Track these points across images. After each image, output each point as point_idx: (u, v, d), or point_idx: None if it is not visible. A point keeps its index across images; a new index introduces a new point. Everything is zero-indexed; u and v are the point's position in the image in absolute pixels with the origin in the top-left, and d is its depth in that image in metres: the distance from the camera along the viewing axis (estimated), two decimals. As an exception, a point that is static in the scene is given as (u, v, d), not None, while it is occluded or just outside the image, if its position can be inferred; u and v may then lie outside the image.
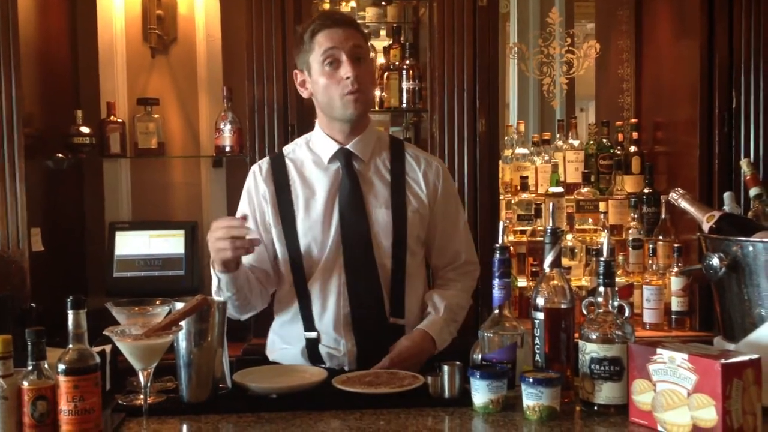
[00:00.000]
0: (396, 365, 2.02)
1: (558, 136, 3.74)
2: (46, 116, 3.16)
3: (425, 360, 2.12)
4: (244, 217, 2.06)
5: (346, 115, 2.16)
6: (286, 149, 2.32)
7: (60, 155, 3.22)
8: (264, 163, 2.30)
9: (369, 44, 2.26)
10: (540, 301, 1.81)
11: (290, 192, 2.21)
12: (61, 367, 1.52)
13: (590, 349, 1.71)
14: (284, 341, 2.24)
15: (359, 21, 3.71)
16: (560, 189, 3.53)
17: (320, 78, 2.15)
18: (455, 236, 2.30)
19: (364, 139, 2.23)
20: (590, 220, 3.50)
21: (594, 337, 1.72)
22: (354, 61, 2.12)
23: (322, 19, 2.18)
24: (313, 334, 2.16)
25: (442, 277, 2.33)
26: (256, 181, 2.26)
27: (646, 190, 3.51)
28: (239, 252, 1.99)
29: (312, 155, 2.25)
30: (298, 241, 2.18)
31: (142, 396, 1.66)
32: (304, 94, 2.25)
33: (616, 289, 1.81)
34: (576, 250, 3.39)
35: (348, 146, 2.21)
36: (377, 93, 3.49)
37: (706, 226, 1.99)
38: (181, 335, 1.76)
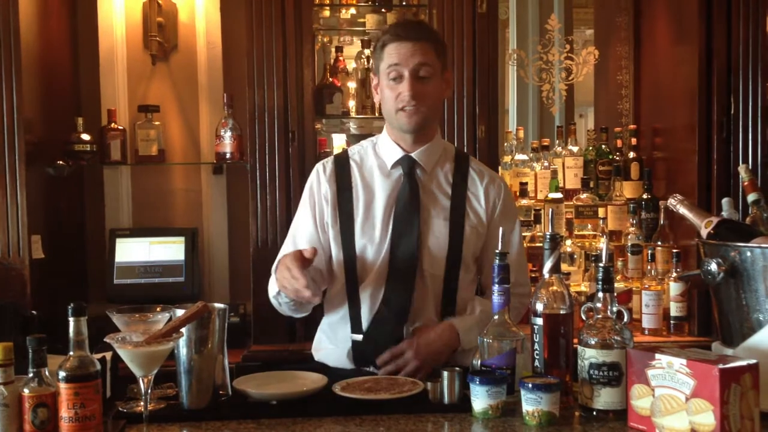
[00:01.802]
0: (421, 353, 2.08)
1: (557, 142, 3.75)
2: (46, 123, 3.17)
3: (447, 354, 2.14)
4: (314, 252, 2.02)
5: (401, 127, 2.20)
6: (352, 150, 2.34)
7: (60, 162, 3.22)
8: (328, 162, 2.31)
9: (444, 55, 2.24)
10: (539, 307, 1.81)
11: (351, 194, 2.23)
12: (62, 374, 1.53)
13: (589, 355, 1.72)
14: (331, 341, 2.26)
15: (359, 27, 3.74)
16: (559, 195, 3.53)
17: (385, 89, 2.19)
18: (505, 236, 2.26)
19: (429, 149, 2.24)
20: (589, 226, 3.50)
21: (593, 342, 1.72)
22: (416, 78, 2.14)
23: (394, 31, 2.20)
24: (359, 337, 2.18)
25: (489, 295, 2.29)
26: (319, 180, 2.28)
27: (644, 196, 3.51)
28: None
29: (377, 159, 2.27)
30: (354, 243, 2.20)
31: (142, 403, 1.66)
32: (375, 99, 2.30)
33: (615, 294, 1.81)
34: (575, 256, 3.39)
35: (412, 154, 2.23)
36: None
37: (704, 232, 2.00)
38: (182, 342, 1.76)
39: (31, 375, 1.54)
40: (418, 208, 2.19)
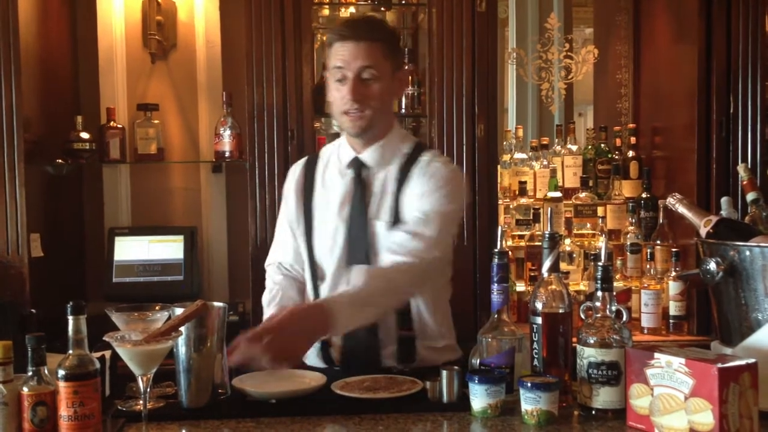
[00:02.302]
0: (273, 345, 1.73)
1: (556, 141, 3.75)
2: (45, 122, 3.17)
3: (311, 337, 1.87)
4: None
5: (346, 130, 2.17)
6: (324, 149, 2.33)
7: (60, 161, 3.22)
8: (298, 165, 2.32)
9: (394, 52, 2.14)
10: (538, 306, 1.81)
11: (312, 196, 2.23)
12: (61, 372, 1.53)
13: (588, 354, 1.72)
14: None
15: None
16: (558, 194, 3.53)
17: (332, 89, 2.15)
18: (416, 210, 2.10)
19: (378, 149, 2.18)
20: (588, 225, 3.50)
21: (592, 341, 1.72)
22: (359, 81, 2.08)
23: (338, 30, 2.13)
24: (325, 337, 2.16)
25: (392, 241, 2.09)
26: (288, 185, 2.31)
27: (644, 195, 3.52)
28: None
29: (338, 160, 2.26)
30: (313, 246, 2.20)
31: (141, 401, 1.66)
32: (329, 98, 2.23)
33: (614, 293, 1.81)
34: (574, 255, 3.40)
35: (360, 155, 2.19)
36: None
37: (703, 231, 2.00)
38: (181, 341, 1.76)
39: (30, 373, 1.54)
40: (366, 212, 2.15)
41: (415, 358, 2.16)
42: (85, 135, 3.30)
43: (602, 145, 3.68)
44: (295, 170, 2.32)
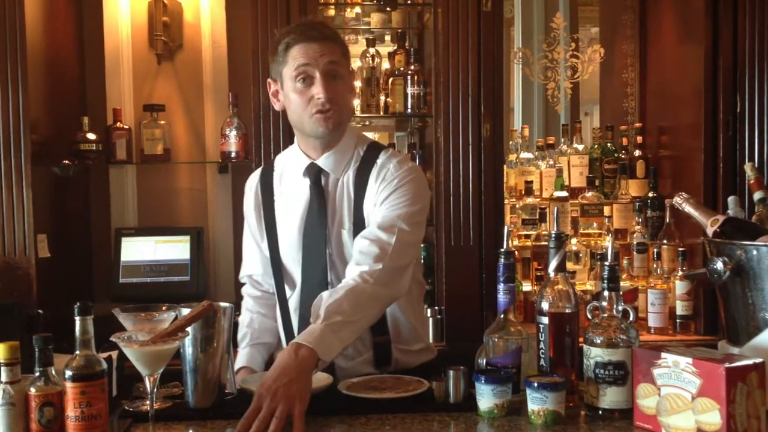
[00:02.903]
0: (277, 396, 1.66)
1: (562, 140, 3.74)
2: (52, 123, 3.17)
3: (308, 373, 1.75)
4: None
5: (316, 133, 2.08)
6: (277, 160, 2.29)
7: (66, 162, 3.23)
8: (254, 179, 2.29)
9: (348, 56, 2.15)
10: (545, 306, 1.81)
11: (273, 207, 2.20)
12: (68, 373, 1.53)
13: (595, 354, 1.72)
14: (279, 349, 2.23)
15: (364, 27, 3.74)
16: (565, 193, 3.53)
17: (291, 93, 2.07)
18: (378, 215, 2.06)
19: (335, 154, 2.12)
20: (595, 225, 3.50)
21: (598, 341, 1.72)
22: (328, 79, 2.04)
23: (298, 32, 2.07)
24: None
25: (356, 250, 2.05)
26: (247, 200, 2.28)
27: (650, 194, 3.51)
28: None
29: (292, 168, 2.20)
30: (279, 256, 2.18)
31: (148, 402, 1.67)
32: (276, 107, 2.17)
33: (621, 293, 1.81)
34: (580, 255, 3.39)
35: (318, 161, 2.13)
36: (382, 98, 3.49)
37: (710, 230, 1.99)
38: (188, 341, 1.77)
39: (37, 374, 1.55)
40: (324, 220, 2.10)
41: (390, 362, 2.13)
42: (91, 136, 3.30)
43: (608, 144, 3.67)
44: (251, 184, 2.27)
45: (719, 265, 1.87)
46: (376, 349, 2.12)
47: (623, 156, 3.65)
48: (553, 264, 1.83)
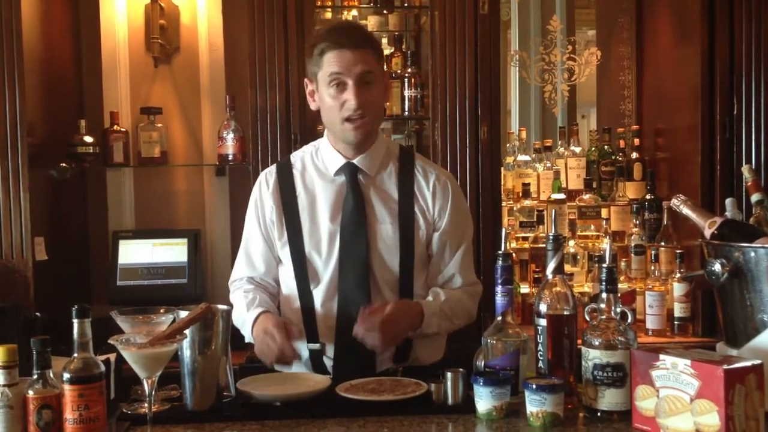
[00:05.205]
0: (389, 333, 2.01)
1: (560, 142, 3.75)
2: (49, 126, 3.17)
3: (404, 332, 2.09)
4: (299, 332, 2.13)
5: (346, 139, 2.14)
6: (294, 157, 2.29)
7: (63, 164, 3.22)
8: (271, 174, 2.26)
9: (382, 56, 2.19)
10: (543, 308, 1.81)
11: (296, 204, 2.20)
12: (66, 375, 1.53)
13: (593, 356, 1.72)
14: None
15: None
16: (562, 196, 3.53)
17: (326, 97, 2.11)
18: (452, 260, 2.22)
19: (371, 153, 2.19)
20: (592, 227, 3.50)
21: (597, 343, 1.72)
22: (361, 86, 2.07)
23: (333, 37, 2.10)
24: (316, 346, 2.15)
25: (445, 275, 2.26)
26: (262, 196, 2.24)
27: (647, 197, 3.51)
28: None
29: (318, 165, 2.23)
30: (304, 254, 2.17)
31: (146, 404, 1.67)
32: (312, 106, 2.21)
33: (619, 295, 1.81)
34: (578, 257, 3.39)
35: (354, 161, 2.18)
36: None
37: (708, 232, 1.99)
38: (186, 344, 1.76)
39: (35, 377, 1.55)
40: (364, 216, 2.14)
41: (409, 357, 2.16)
42: (88, 139, 3.30)
43: (606, 146, 3.68)
44: (269, 180, 2.25)
45: (717, 267, 1.87)
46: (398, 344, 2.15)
47: (620, 158, 3.66)
48: (550, 266, 1.83)
